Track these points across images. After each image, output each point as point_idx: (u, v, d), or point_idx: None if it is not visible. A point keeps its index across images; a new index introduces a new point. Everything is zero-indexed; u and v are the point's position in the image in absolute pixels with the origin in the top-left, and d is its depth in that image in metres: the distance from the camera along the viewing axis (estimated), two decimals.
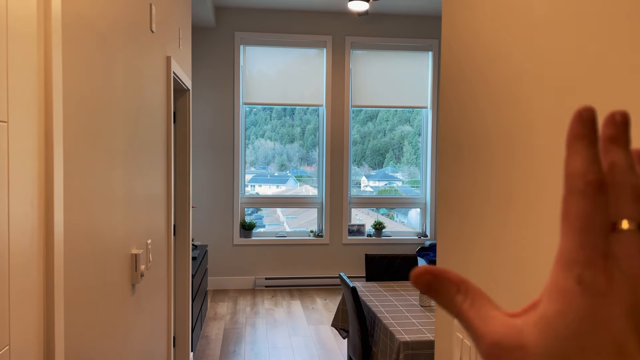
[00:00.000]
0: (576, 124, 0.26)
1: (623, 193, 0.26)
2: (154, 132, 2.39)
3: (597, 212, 0.25)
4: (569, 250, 0.25)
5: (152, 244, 2.29)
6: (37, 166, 1.04)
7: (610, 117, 0.27)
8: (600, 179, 0.25)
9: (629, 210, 0.25)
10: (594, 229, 0.25)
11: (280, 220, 6.82)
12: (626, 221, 0.25)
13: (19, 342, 0.94)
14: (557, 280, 0.25)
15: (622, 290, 0.24)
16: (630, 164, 0.26)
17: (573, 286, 0.24)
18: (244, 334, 4.74)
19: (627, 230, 0.25)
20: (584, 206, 0.25)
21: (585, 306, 0.24)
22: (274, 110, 6.63)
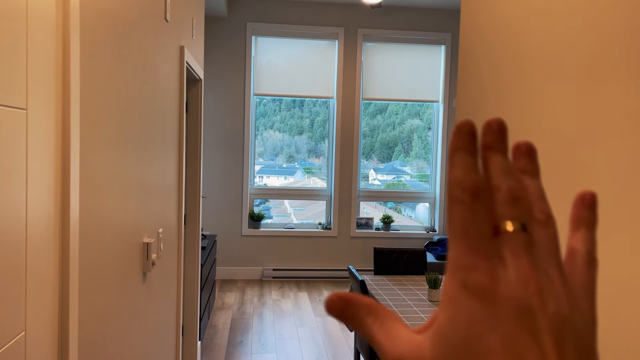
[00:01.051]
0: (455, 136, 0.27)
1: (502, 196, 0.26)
2: (167, 122, 2.40)
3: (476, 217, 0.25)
4: (455, 258, 0.25)
5: (163, 233, 2.31)
6: (54, 153, 1.04)
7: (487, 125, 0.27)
8: (476, 186, 0.26)
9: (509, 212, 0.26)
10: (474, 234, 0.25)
11: (288, 212, 6.83)
12: (509, 222, 0.25)
13: (34, 327, 0.95)
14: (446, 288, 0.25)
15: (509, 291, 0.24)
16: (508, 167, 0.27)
17: (458, 291, 0.24)
18: (251, 324, 4.76)
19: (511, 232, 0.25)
20: (462, 213, 0.25)
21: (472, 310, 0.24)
22: (283, 101, 6.62)
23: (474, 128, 0.27)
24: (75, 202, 1.12)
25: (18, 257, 0.89)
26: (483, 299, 0.24)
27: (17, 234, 0.89)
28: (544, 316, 0.24)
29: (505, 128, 0.28)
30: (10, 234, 0.87)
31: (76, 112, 1.11)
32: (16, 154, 0.88)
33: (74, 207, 1.11)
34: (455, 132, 0.27)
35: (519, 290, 0.24)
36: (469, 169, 0.26)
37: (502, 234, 0.25)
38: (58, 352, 1.09)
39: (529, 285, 0.24)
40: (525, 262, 0.25)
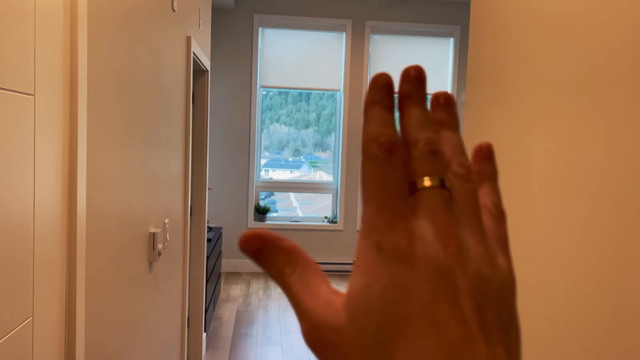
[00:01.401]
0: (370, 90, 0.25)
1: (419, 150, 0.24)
2: (174, 113, 2.40)
3: (392, 174, 0.24)
4: (369, 217, 0.23)
5: (169, 223, 2.31)
6: (62, 140, 1.04)
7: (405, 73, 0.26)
8: (391, 140, 0.24)
9: (427, 167, 0.24)
10: (390, 191, 0.23)
11: (294, 206, 6.83)
12: (427, 178, 0.24)
13: (42, 313, 0.96)
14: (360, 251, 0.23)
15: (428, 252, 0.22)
16: (425, 118, 0.25)
17: (374, 254, 0.23)
18: (257, 316, 4.77)
19: (429, 188, 0.24)
20: (377, 170, 0.24)
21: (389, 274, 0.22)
22: (289, 95, 6.60)
23: (390, 81, 0.25)
24: (82, 190, 1.12)
25: (26, 244, 0.89)
26: (400, 261, 0.22)
27: (25, 220, 0.89)
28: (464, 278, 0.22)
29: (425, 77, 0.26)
30: (19, 221, 0.87)
31: (83, 100, 1.10)
32: (24, 140, 0.88)
33: (81, 194, 1.11)
34: (370, 86, 0.25)
35: (438, 251, 0.22)
36: (384, 123, 0.24)
37: (419, 191, 0.24)
38: (65, 338, 1.09)
39: (449, 245, 0.23)
40: (444, 219, 0.23)
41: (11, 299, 0.85)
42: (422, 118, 0.25)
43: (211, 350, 3.96)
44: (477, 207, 0.25)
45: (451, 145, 0.26)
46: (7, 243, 0.82)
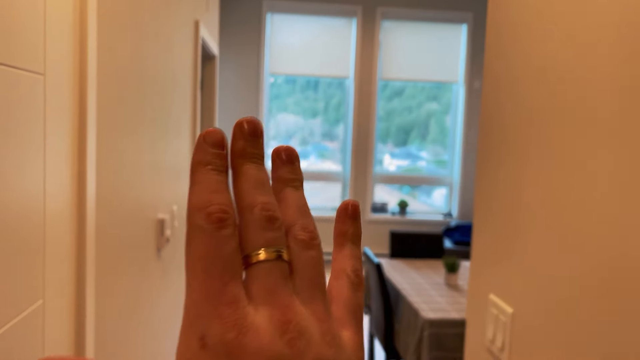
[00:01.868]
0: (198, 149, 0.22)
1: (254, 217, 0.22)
2: (181, 99, 2.38)
3: (221, 250, 0.20)
4: (194, 303, 0.20)
5: (177, 210, 2.30)
6: (71, 123, 1.02)
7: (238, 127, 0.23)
8: (222, 209, 0.21)
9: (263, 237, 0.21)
10: (217, 272, 0.20)
11: None
12: (262, 251, 0.21)
13: (52, 296, 0.95)
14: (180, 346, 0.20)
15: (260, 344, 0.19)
16: (261, 179, 0.23)
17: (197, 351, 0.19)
18: None
19: (264, 262, 0.21)
20: (203, 246, 0.21)
21: None
22: (297, 83, 6.55)
23: (222, 138, 0.22)
24: (92, 174, 1.10)
25: (37, 227, 0.88)
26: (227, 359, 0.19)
27: (35, 203, 0.87)
28: None
29: (261, 130, 0.24)
30: (30, 204, 0.85)
31: (93, 82, 1.09)
32: (35, 121, 0.86)
33: (90, 179, 1.09)
34: (198, 143, 0.22)
35: (273, 340, 0.20)
36: (213, 188, 0.22)
37: (253, 266, 0.21)
38: (75, 321, 1.08)
39: (286, 331, 0.20)
40: (282, 300, 0.21)
41: (22, 282, 0.84)
42: (259, 179, 0.23)
43: None
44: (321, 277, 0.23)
45: (294, 206, 0.24)
46: (18, 226, 0.81)
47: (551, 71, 0.92)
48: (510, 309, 1.04)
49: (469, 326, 1.25)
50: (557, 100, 0.89)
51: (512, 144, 1.06)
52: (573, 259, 0.83)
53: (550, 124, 0.91)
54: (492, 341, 1.11)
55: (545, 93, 0.93)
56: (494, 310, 1.10)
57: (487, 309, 1.14)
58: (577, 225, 0.82)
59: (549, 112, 0.91)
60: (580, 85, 0.83)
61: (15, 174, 0.80)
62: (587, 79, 0.81)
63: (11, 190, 0.79)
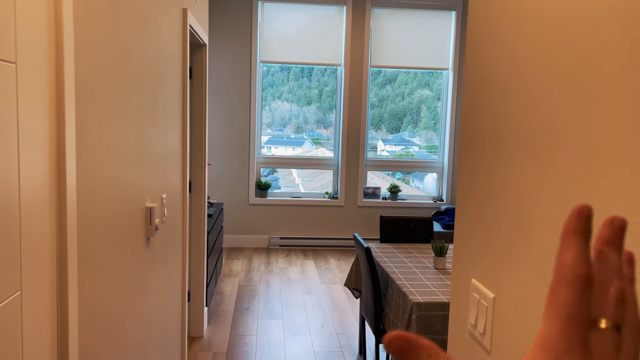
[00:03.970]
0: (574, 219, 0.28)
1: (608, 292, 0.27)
2: (170, 87, 2.36)
3: (582, 303, 0.26)
4: (550, 335, 0.26)
5: (167, 198, 2.29)
6: (47, 111, 1.01)
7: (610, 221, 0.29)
8: (589, 273, 0.27)
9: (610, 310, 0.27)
10: (576, 318, 0.26)
11: (296, 183, 6.82)
12: (604, 320, 0.27)
13: (30, 287, 0.94)
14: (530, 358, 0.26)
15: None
16: (620, 267, 0.28)
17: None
18: (258, 291, 4.81)
19: (604, 329, 0.26)
20: (570, 296, 0.26)
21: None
22: (291, 71, 6.52)
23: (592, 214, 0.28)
24: (71, 162, 1.09)
25: (11, 217, 0.87)
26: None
27: (8, 193, 0.87)
28: None
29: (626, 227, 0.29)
30: (3, 192, 0.85)
31: (70, 69, 1.07)
32: (6, 110, 0.85)
33: (70, 167, 1.08)
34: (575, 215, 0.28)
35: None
36: (582, 254, 0.27)
37: (597, 329, 0.26)
38: (57, 313, 1.08)
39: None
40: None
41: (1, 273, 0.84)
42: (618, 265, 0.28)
43: (213, 324, 4.00)
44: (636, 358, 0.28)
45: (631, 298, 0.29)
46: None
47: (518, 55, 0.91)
48: (491, 294, 1.05)
49: (452, 311, 1.25)
50: (534, 85, 0.89)
51: (493, 131, 1.06)
52: (553, 244, 0.84)
53: (532, 109, 0.91)
54: (475, 326, 1.11)
55: (518, 78, 0.93)
56: (476, 295, 1.11)
57: (469, 293, 1.15)
58: (558, 210, 0.82)
59: (531, 96, 0.91)
60: (556, 68, 0.83)
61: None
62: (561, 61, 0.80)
63: None
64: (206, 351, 3.56)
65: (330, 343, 3.75)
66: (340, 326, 4.06)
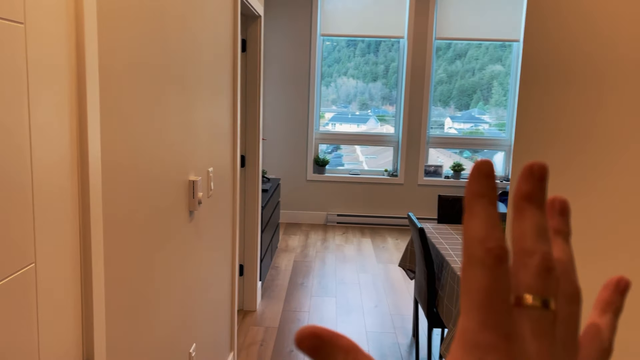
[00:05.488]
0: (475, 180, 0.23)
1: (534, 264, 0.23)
2: (217, 59, 2.30)
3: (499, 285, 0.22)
4: (471, 331, 0.22)
5: (214, 172, 2.26)
6: (67, 77, 0.96)
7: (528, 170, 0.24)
8: (501, 246, 0.22)
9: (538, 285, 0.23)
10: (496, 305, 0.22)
11: (360, 160, 6.69)
12: (530, 296, 0.23)
13: (47, 261, 0.91)
14: None
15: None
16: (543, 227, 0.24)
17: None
18: (313, 267, 4.78)
19: (531, 306, 0.23)
20: (483, 278, 0.22)
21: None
22: (357, 47, 6.35)
23: (493, 169, 0.24)
24: (94, 134, 1.05)
25: (22, 187, 0.83)
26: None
27: (19, 164, 0.83)
28: None
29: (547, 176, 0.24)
30: (11, 164, 0.81)
31: (92, 33, 1.02)
32: (14, 73, 0.81)
33: (93, 133, 1.04)
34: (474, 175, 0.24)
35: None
36: (491, 223, 0.23)
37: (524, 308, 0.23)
38: (82, 287, 1.05)
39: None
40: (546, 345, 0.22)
41: (7, 243, 0.80)
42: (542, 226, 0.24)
43: (266, 299, 4.02)
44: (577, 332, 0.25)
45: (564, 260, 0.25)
46: None
47: None
48: None
49: None
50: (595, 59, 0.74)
51: (551, 104, 0.91)
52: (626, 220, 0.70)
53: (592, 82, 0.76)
54: None
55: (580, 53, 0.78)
56: None
57: None
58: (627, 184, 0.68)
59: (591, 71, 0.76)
60: None
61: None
62: None
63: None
64: (258, 325, 3.58)
65: (383, 323, 3.67)
66: (394, 307, 3.97)
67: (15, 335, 0.82)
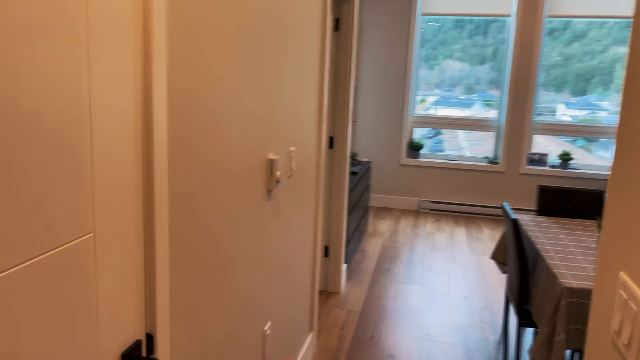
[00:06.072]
0: None
1: None
2: (304, 37, 2.26)
3: None
4: None
5: (296, 152, 2.24)
6: (131, 32, 0.96)
7: None
8: None
9: None
10: None
11: (461, 146, 6.40)
12: None
13: (106, 231, 0.92)
14: None
15: None
16: None
17: None
18: (401, 253, 4.68)
19: None
20: None
21: None
22: (464, 28, 6.02)
23: None
24: (161, 104, 1.05)
25: (81, 156, 0.84)
26: None
27: (78, 130, 0.83)
28: None
29: None
30: (70, 128, 0.81)
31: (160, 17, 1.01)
32: (70, 23, 0.81)
33: (159, 107, 1.04)
34: None
35: None
36: None
37: None
38: (145, 261, 1.06)
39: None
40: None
41: (63, 212, 0.82)
42: None
43: (351, 282, 3.99)
44: None
45: None
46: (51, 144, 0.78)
47: None
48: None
49: (593, 309, 0.98)
50: None
51: None
52: None
53: None
54: (618, 333, 0.84)
55: None
56: (623, 293, 0.83)
57: (615, 290, 0.87)
58: None
59: None
60: None
61: (44, 79, 0.76)
62: None
63: (42, 96, 0.75)
64: (341, 308, 3.56)
65: (470, 317, 3.50)
66: (484, 300, 3.76)
67: (72, 304, 0.84)
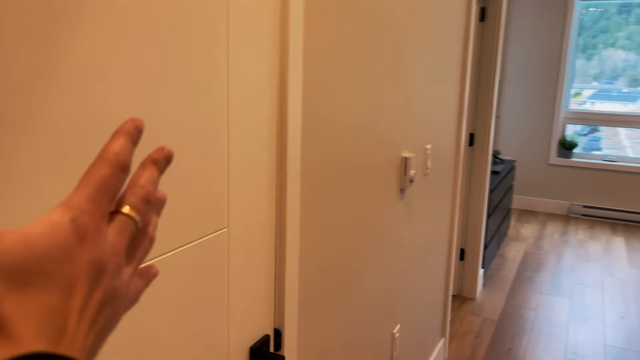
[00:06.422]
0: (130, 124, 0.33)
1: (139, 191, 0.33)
2: (446, 28, 2.15)
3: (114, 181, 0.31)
4: (77, 198, 0.29)
5: (432, 149, 2.14)
6: (269, 26, 0.97)
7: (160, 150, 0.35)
8: (128, 163, 0.32)
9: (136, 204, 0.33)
10: (107, 192, 0.30)
11: (622, 145, 5.69)
12: (128, 208, 0.32)
13: (239, 226, 0.94)
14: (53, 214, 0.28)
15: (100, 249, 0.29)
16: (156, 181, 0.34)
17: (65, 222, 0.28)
18: (546, 262, 4.30)
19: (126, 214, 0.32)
20: (105, 171, 0.30)
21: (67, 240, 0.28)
22: (632, 13, 5.34)
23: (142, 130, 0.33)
24: (295, 103, 1.05)
25: (219, 154, 0.86)
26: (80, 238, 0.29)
27: (217, 130, 0.85)
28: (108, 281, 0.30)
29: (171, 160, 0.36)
30: (209, 129, 0.84)
31: None
32: (212, 15, 0.83)
33: (293, 107, 1.04)
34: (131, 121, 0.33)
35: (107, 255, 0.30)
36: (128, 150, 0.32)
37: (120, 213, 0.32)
38: (275, 257, 1.07)
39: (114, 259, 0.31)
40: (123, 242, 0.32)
41: (201, 207, 0.85)
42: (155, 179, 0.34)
43: (488, 288, 3.76)
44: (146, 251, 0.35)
45: (156, 203, 0.37)
46: (195, 146, 0.81)
47: None
48: None
49: None
50: None
51: None
52: None
53: None
54: None
55: None
56: None
57: None
58: None
59: None
60: None
61: (194, 82, 0.79)
62: None
63: (189, 100, 0.78)
64: (476, 315, 3.38)
65: (628, 339, 3.10)
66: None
67: (207, 296, 0.87)
